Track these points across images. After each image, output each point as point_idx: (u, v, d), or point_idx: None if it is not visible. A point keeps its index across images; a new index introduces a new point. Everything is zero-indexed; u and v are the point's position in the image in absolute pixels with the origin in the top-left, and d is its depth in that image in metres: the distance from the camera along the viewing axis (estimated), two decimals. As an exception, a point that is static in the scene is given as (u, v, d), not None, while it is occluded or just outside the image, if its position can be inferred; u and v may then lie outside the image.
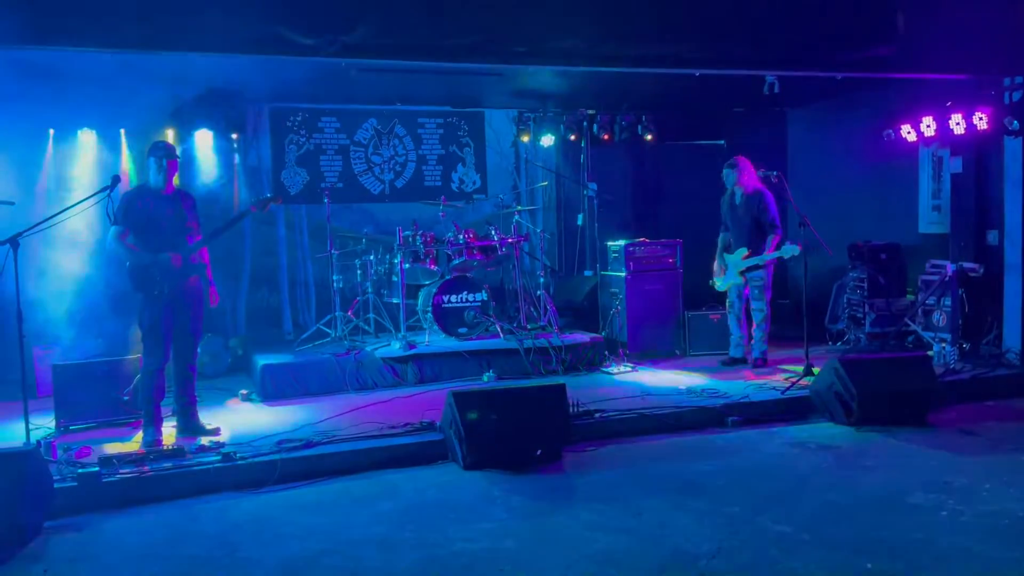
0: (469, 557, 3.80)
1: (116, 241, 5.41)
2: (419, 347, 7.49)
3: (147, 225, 5.43)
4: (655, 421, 5.93)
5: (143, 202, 5.46)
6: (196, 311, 5.70)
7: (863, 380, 5.92)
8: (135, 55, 6.11)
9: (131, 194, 5.53)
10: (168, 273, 5.42)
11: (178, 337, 5.64)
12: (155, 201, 5.49)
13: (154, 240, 5.43)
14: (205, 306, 5.79)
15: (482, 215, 9.43)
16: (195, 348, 5.84)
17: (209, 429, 5.75)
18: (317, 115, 9.07)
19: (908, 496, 4.43)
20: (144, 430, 5.53)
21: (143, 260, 5.40)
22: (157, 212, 5.46)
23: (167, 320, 5.51)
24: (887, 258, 8.62)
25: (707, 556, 3.71)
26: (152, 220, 5.44)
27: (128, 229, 5.41)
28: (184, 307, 5.60)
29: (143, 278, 5.42)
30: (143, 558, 3.97)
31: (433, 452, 5.36)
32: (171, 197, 5.57)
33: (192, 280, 5.63)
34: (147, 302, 5.45)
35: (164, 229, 5.47)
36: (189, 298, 5.63)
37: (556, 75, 8.03)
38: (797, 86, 7.88)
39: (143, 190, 5.56)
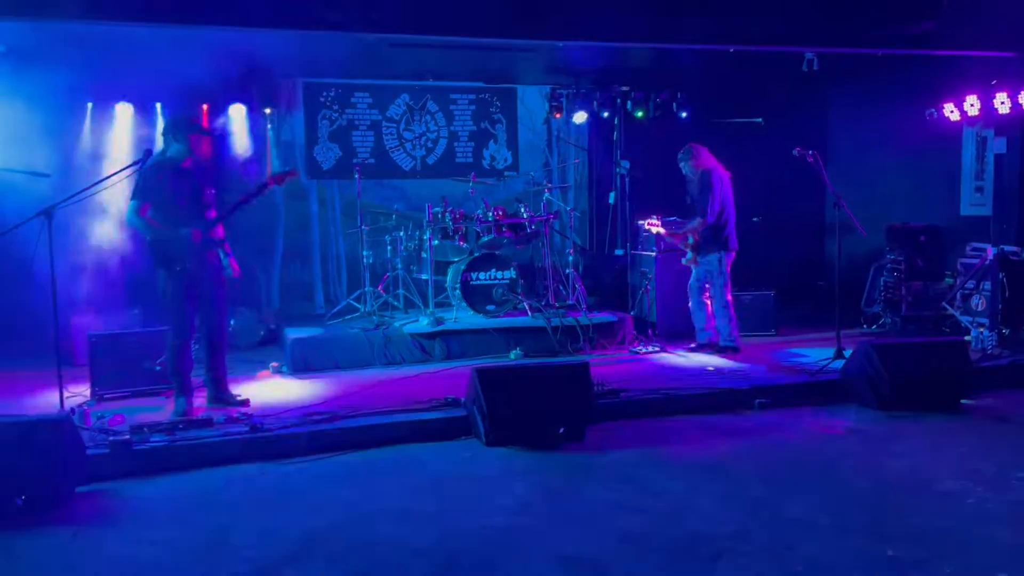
0: (487, 533, 3.83)
1: (135, 215, 5.38)
2: (447, 324, 7.52)
3: (167, 199, 5.40)
4: (681, 402, 5.90)
5: (162, 176, 5.40)
6: (219, 283, 5.69)
7: (895, 364, 5.81)
8: (171, 29, 6.19)
9: (150, 168, 5.41)
10: (189, 248, 5.42)
11: (204, 310, 5.66)
12: (174, 175, 5.43)
13: (174, 215, 5.40)
14: (229, 278, 5.78)
15: (513, 192, 9.40)
16: (223, 319, 5.85)
17: (238, 400, 5.82)
18: (350, 90, 9.09)
19: (935, 483, 4.36)
20: (175, 401, 5.62)
21: (164, 235, 5.38)
22: (176, 186, 5.42)
23: (190, 294, 5.51)
24: (926, 240, 8.43)
25: (724, 538, 3.69)
26: (172, 194, 5.40)
27: (148, 203, 5.38)
28: (206, 281, 5.59)
29: (164, 254, 5.41)
30: (170, 524, 4.06)
31: (457, 428, 5.39)
32: (190, 170, 5.51)
33: (212, 254, 5.62)
34: (169, 277, 5.44)
35: (183, 203, 5.44)
36: (211, 271, 5.62)
37: (590, 51, 7.94)
38: (837, 63, 7.71)
39: (162, 164, 5.45)
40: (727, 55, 7.59)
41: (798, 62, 7.71)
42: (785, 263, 9.86)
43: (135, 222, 5.43)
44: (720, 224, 7.20)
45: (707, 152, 7.40)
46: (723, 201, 7.21)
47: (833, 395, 6.10)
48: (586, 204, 9.99)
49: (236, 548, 3.72)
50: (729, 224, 7.25)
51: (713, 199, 7.14)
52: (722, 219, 7.20)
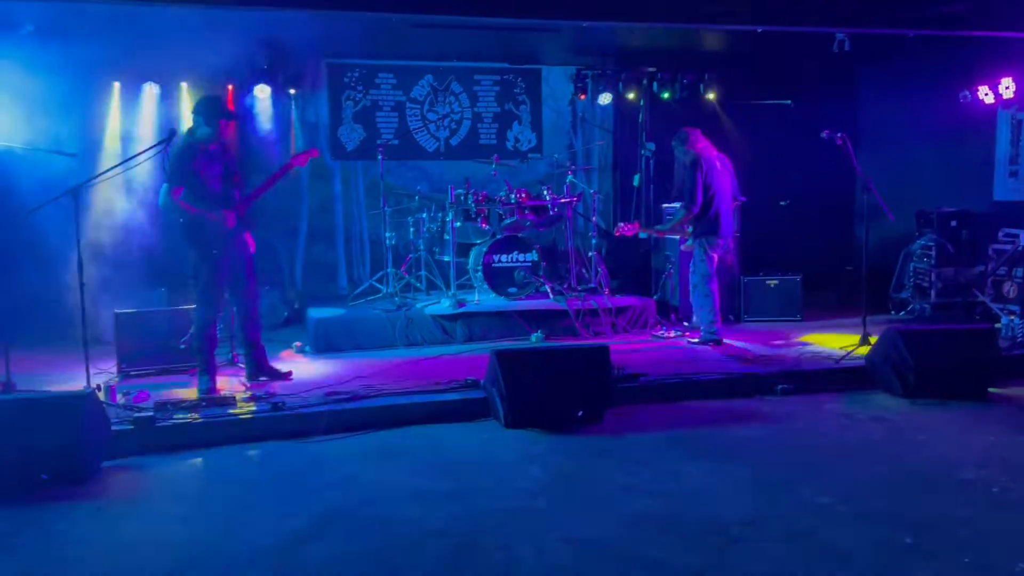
0: (503, 514, 3.84)
1: (169, 198, 5.43)
2: (468, 306, 7.53)
3: (199, 182, 5.45)
4: (701, 387, 5.86)
5: (195, 158, 5.45)
6: (250, 261, 5.82)
7: (921, 351, 5.73)
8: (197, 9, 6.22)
9: (181, 150, 5.46)
10: (222, 230, 5.51)
11: (237, 288, 5.77)
12: (204, 157, 5.48)
13: (205, 196, 5.47)
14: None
15: (536, 174, 9.35)
16: (256, 298, 5.98)
17: (282, 372, 5.95)
18: (374, 71, 9.08)
19: (958, 471, 4.30)
20: (199, 379, 5.68)
21: (199, 218, 5.45)
22: (208, 169, 5.48)
23: (222, 275, 5.60)
24: (957, 225, 8.28)
25: (741, 524, 3.66)
26: (204, 177, 5.46)
27: (182, 186, 5.42)
28: (238, 260, 5.72)
29: (199, 235, 5.49)
30: (193, 500, 4.13)
31: (476, 409, 5.40)
32: (218, 152, 5.57)
33: (243, 235, 5.73)
34: (202, 258, 5.51)
35: (215, 186, 5.52)
36: (241, 250, 5.74)
37: (616, 31, 7.85)
38: (868, 44, 7.56)
39: (192, 146, 5.48)
40: (755, 35, 7.46)
41: (828, 43, 7.55)
42: (812, 247, 9.73)
43: (169, 205, 5.46)
44: (707, 210, 6.89)
45: (701, 136, 7.07)
46: (712, 187, 6.90)
47: (858, 382, 6.03)
48: (610, 187, 9.92)
49: (256, 525, 3.77)
50: (720, 211, 6.92)
51: (695, 187, 6.85)
52: (709, 205, 6.89)
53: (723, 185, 7.03)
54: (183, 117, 8.28)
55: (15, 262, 7.08)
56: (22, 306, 6.54)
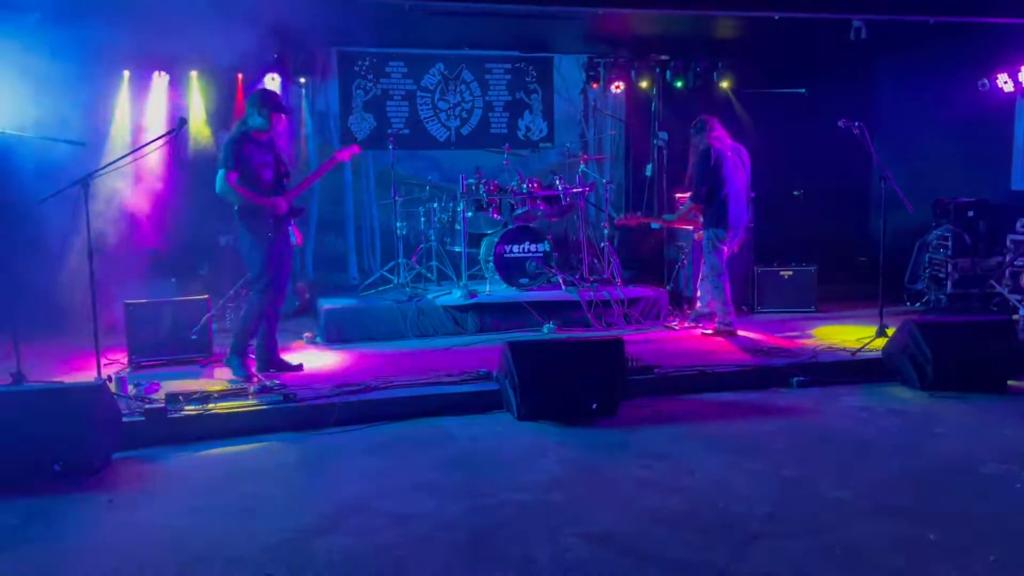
0: (517, 508, 3.79)
1: (226, 184, 5.48)
2: (480, 296, 7.48)
3: (252, 170, 5.54)
4: (716, 379, 5.80)
5: (249, 147, 5.54)
6: (291, 253, 5.98)
7: (939, 343, 5.65)
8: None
9: (238, 138, 5.55)
10: (276, 217, 5.61)
11: (276, 277, 5.83)
12: (257, 146, 5.60)
13: (258, 184, 5.56)
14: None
15: (548, 164, 9.27)
16: (287, 287, 6.10)
17: (293, 365, 5.94)
18: (384, 59, 9.00)
19: (979, 466, 4.23)
20: (240, 367, 5.69)
21: (253, 203, 5.54)
22: (261, 157, 5.59)
23: (276, 263, 5.71)
24: (975, 216, 8.18)
25: (759, 519, 3.61)
26: (258, 165, 5.57)
27: (236, 172, 5.49)
28: (282, 250, 5.80)
29: (255, 222, 5.58)
30: (204, 493, 4.09)
31: (488, 401, 5.35)
32: (268, 143, 5.70)
33: (287, 224, 5.83)
34: (258, 245, 5.61)
35: (266, 174, 5.62)
36: (285, 241, 5.85)
37: (628, 18, 7.75)
38: (886, 31, 7.44)
39: (247, 135, 5.58)
40: (771, 23, 7.36)
41: (844, 30, 7.45)
42: (826, 238, 9.63)
43: (225, 190, 5.51)
44: (718, 202, 6.80)
45: (718, 125, 6.99)
46: (722, 178, 6.78)
47: (874, 374, 5.96)
48: (622, 176, 9.83)
49: (267, 518, 3.73)
50: (729, 202, 6.80)
51: (702, 177, 6.78)
52: (719, 197, 6.79)
53: (735, 176, 6.91)
54: (192, 106, 8.27)
55: (21, 251, 7.05)
56: (30, 296, 6.51)
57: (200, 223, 8.06)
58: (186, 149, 8.14)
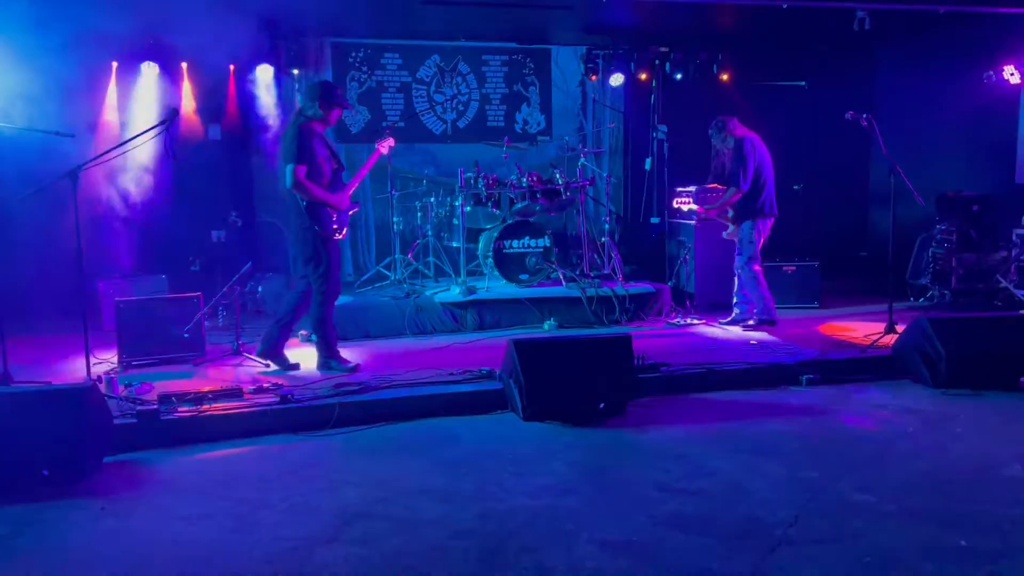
0: (529, 513, 3.64)
1: (298, 178, 5.37)
2: (479, 293, 7.32)
3: (317, 164, 5.48)
4: (724, 377, 5.66)
5: (314, 141, 5.48)
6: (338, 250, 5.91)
7: (952, 340, 5.53)
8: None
9: (303, 131, 5.45)
10: (340, 212, 5.59)
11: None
12: (320, 141, 5.55)
13: (320, 178, 5.50)
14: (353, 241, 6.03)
15: (546, 158, 9.12)
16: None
17: (290, 364, 5.84)
18: (379, 51, 8.82)
19: (1001, 468, 4.10)
20: (327, 362, 5.72)
21: (326, 199, 5.49)
22: (322, 151, 5.54)
23: (337, 256, 5.70)
24: (979, 210, 8.07)
25: (784, 524, 3.47)
26: (321, 159, 5.51)
27: (305, 166, 5.40)
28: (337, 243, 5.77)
29: (322, 216, 5.50)
30: (199, 498, 3.91)
31: (491, 401, 5.19)
32: (324, 137, 5.64)
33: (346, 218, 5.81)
34: (323, 239, 5.54)
35: (327, 168, 5.57)
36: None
37: (627, 8, 7.60)
38: (889, 22, 7.32)
39: (311, 129, 5.50)
40: (772, 14, 7.23)
41: (846, 21, 7.33)
42: (826, 232, 9.54)
43: (297, 185, 5.40)
44: (756, 190, 6.86)
45: (738, 121, 7.04)
46: (759, 167, 6.86)
47: (885, 371, 5.83)
48: (621, 170, 9.68)
49: (267, 526, 3.56)
50: (766, 189, 6.90)
51: (747, 167, 6.80)
52: (758, 185, 6.85)
53: (768, 163, 6.95)
54: (182, 97, 8.06)
55: (8, 245, 6.84)
56: (17, 291, 6.31)
57: (192, 217, 7.89)
58: (177, 141, 7.94)
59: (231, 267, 6.69)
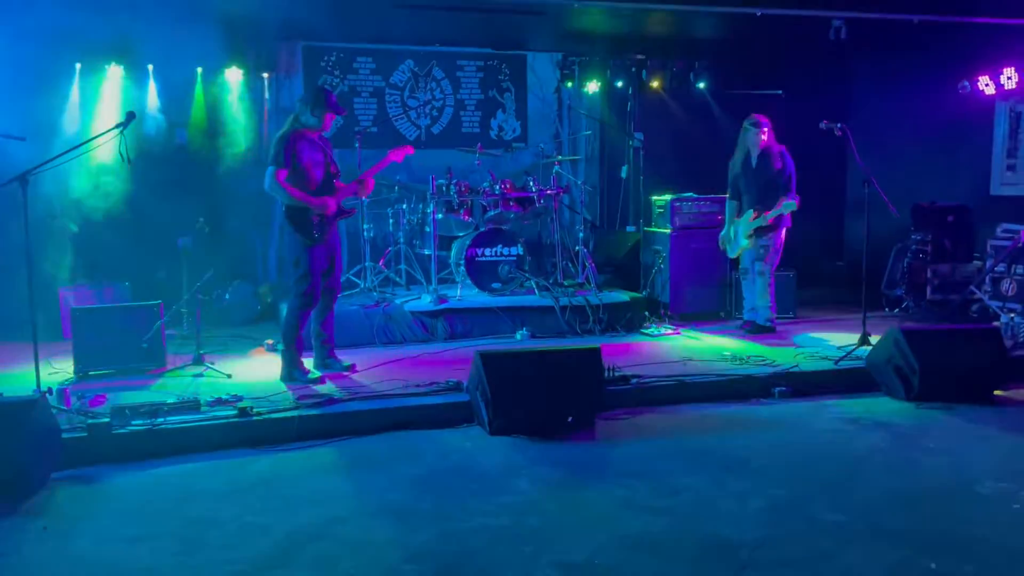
0: (489, 534, 3.51)
1: (274, 180, 5.38)
2: (450, 302, 7.19)
3: (303, 168, 5.44)
4: (696, 389, 5.56)
5: (301, 145, 5.44)
6: (340, 254, 5.89)
7: (926, 352, 5.46)
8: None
9: (288, 135, 5.44)
10: (323, 217, 5.49)
11: (327, 280, 5.72)
12: (309, 144, 5.49)
13: (307, 183, 5.45)
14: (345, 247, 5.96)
15: (521, 165, 9.01)
16: (340, 287, 6.00)
17: (345, 365, 5.85)
18: (352, 55, 8.68)
19: (975, 484, 4.02)
20: (290, 372, 5.60)
21: (302, 203, 5.42)
22: (311, 156, 5.48)
23: (323, 263, 5.60)
24: (954, 220, 8.06)
25: (750, 546, 3.36)
26: (308, 163, 5.46)
27: (286, 169, 5.39)
28: (331, 251, 5.69)
29: (302, 221, 5.46)
30: (147, 517, 3.75)
31: (458, 415, 5.06)
32: (319, 142, 5.60)
33: (336, 226, 5.74)
34: (303, 245, 5.50)
35: (316, 173, 5.51)
36: (334, 241, 5.74)
37: (604, 14, 7.53)
38: (865, 31, 7.29)
39: (300, 133, 5.46)
40: (748, 22, 7.17)
41: (822, 31, 7.29)
42: (803, 242, 9.45)
43: (274, 187, 5.42)
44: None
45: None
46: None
47: (858, 384, 5.76)
48: (597, 178, 9.59)
49: (215, 548, 3.41)
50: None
51: (794, 176, 6.93)
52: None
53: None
54: (149, 100, 7.89)
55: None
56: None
57: (158, 222, 7.69)
58: (142, 146, 7.76)
59: (198, 274, 6.52)
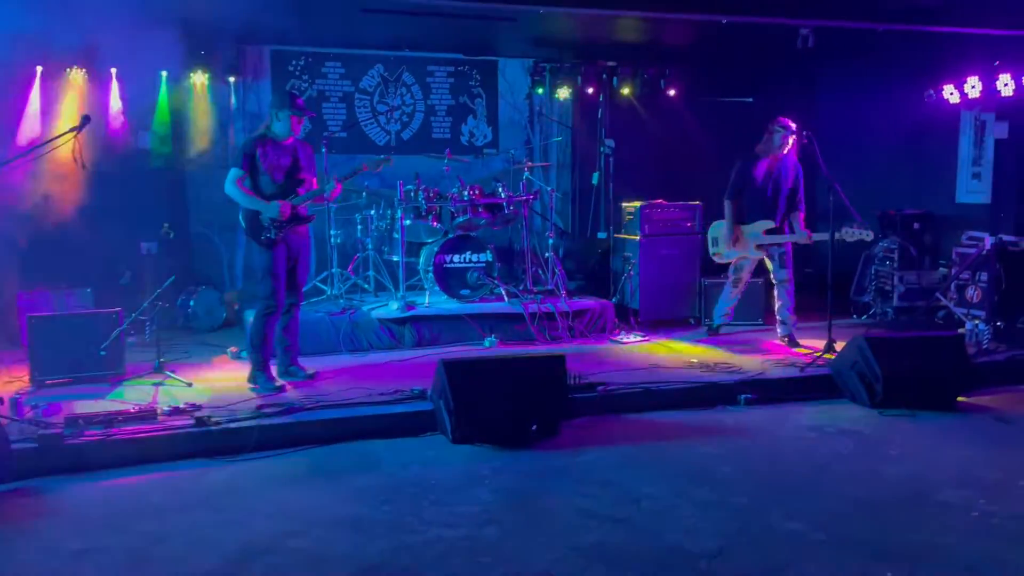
0: (445, 545, 3.45)
1: (233, 184, 5.45)
2: (418, 308, 7.12)
3: (264, 172, 5.47)
4: (662, 397, 5.54)
5: (263, 149, 5.48)
6: (304, 260, 5.82)
7: (889, 359, 5.48)
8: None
9: (253, 138, 5.55)
10: (276, 221, 5.47)
11: (290, 283, 5.72)
12: (275, 150, 5.52)
13: (268, 187, 5.49)
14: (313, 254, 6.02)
15: (491, 171, 8.96)
16: (301, 294, 5.92)
17: (306, 374, 5.83)
18: (321, 59, 8.60)
19: (935, 492, 4.03)
20: (255, 377, 5.58)
21: (255, 206, 5.46)
22: (275, 159, 5.50)
23: (281, 266, 5.57)
24: (920, 228, 8.13)
25: (708, 556, 3.33)
26: (269, 168, 5.48)
27: (246, 174, 5.45)
28: (292, 255, 5.67)
29: (254, 224, 5.50)
30: (96, 532, 3.66)
31: (423, 423, 5.00)
32: (289, 147, 5.59)
33: (301, 229, 5.70)
34: (260, 248, 5.54)
35: (277, 176, 5.51)
36: (297, 246, 5.69)
37: (574, 21, 7.50)
38: (831, 40, 7.32)
39: (265, 138, 5.53)
40: (718, 29, 7.19)
41: (791, 39, 7.32)
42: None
43: (230, 190, 5.48)
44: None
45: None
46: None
47: (823, 391, 5.77)
48: (568, 184, 9.57)
49: (163, 562, 3.33)
50: None
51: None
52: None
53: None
54: (112, 103, 7.76)
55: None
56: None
57: (121, 227, 7.58)
58: (104, 149, 7.64)
59: (162, 280, 6.41)
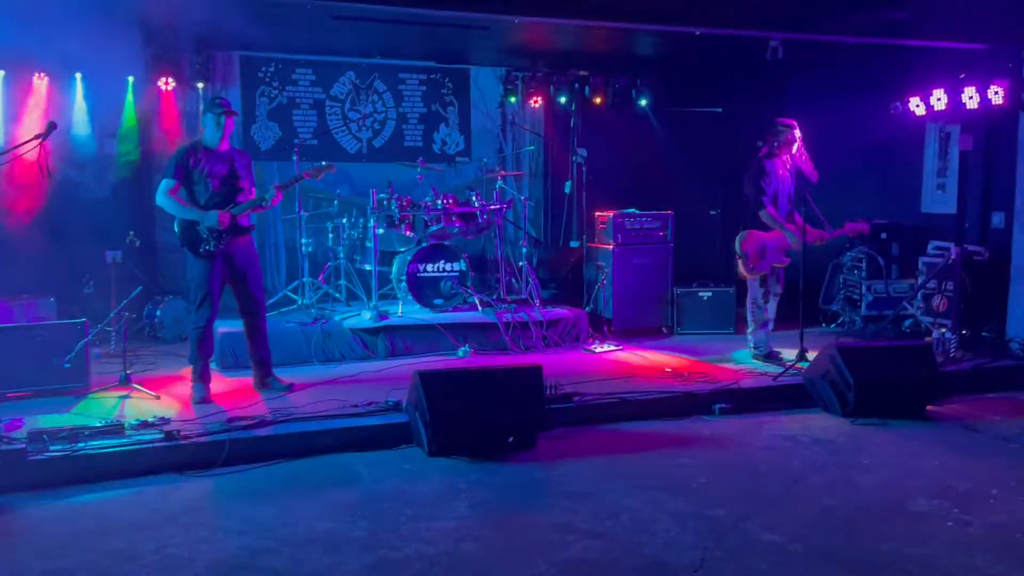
0: (423, 563, 3.40)
1: (166, 195, 5.33)
2: (391, 318, 7.06)
3: (199, 181, 5.36)
4: (637, 407, 5.54)
5: (196, 158, 5.36)
6: (252, 269, 5.65)
7: (860, 369, 5.54)
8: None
9: (185, 149, 5.43)
10: (215, 231, 5.33)
11: (240, 297, 5.64)
12: (208, 158, 5.39)
13: (204, 197, 5.37)
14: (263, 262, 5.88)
15: (465, 179, 8.92)
16: (259, 304, 5.75)
17: (283, 386, 5.72)
18: (291, 66, 8.51)
19: (909, 502, 4.07)
20: (193, 387, 5.49)
21: (191, 216, 5.34)
22: (210, 167, 5.37)
23: (216, 278, 5.45)
24: (887, 238, 8.23)
25: (689, 568, 3.32)
26: (204, 177, 5.36)
27: (179, 183, 5.33)
28: (238, 266, 5.52)
29: (190, 235, 5.38)
30: (61, 551, 3.55)
31: (398, 435, 4.95)
32: (225, 155, 5.47)
33: (242, 239, 5.54)
34: (194, 259, 5.42)
35: (215, 186, 5.39)
36: (242, 257, 5.54)
37: (547, 30, 7.51)
38: (800, 52, 7.39)
39: (197, 146, 5.43)
40: (689, 40, 7.23)
41: (760, 51, 7.38)
42: (743, 258, 9.56)
43: (162, 201, 5.38)
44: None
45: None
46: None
47: (796, 400, 5.82)
48: (541, 193, 9.56)
49: (133, 583, 3.24)
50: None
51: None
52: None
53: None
54: (76, 109, 7.61)
55: None
56: None
57: (86, 236, 7.43)
58: (71, 155, 7.49)
59: (128, 290, 6.29)
